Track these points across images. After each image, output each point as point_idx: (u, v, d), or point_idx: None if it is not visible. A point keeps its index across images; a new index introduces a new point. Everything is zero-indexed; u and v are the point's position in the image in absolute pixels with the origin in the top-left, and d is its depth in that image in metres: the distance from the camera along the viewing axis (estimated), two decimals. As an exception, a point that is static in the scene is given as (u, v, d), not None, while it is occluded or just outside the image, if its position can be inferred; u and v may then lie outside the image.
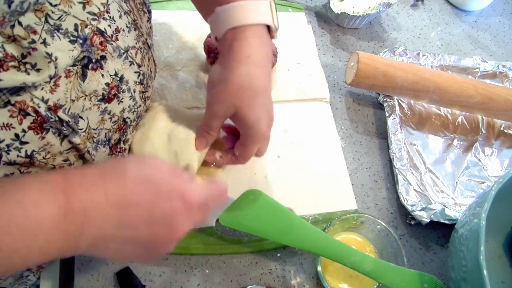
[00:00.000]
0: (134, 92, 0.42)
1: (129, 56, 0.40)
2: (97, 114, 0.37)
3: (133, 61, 0.41)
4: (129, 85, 0.41)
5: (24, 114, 0.31)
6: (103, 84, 0.37)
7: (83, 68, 0.34)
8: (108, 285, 0.46)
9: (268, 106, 0.44)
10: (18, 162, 0.32)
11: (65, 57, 0.31)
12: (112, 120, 0.40)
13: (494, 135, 0.66)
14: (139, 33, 0.43)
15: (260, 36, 0.42)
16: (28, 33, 0.29)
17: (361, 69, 0.59)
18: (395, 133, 0.59)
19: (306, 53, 0.68)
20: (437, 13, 0.82)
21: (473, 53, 0.77)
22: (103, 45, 0.36)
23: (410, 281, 0.44)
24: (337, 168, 0.58)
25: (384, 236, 0.49)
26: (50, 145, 0.33)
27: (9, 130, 0.30)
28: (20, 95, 0.30)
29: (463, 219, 0.45)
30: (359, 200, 0.56)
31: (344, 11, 0.71)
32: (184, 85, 0.59)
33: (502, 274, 0.51)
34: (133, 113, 0.43)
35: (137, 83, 0.42)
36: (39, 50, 0.29)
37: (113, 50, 0.37)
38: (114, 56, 0.37)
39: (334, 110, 0.63)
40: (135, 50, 0.41)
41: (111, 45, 0.37)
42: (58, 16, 0.31)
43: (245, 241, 0.50)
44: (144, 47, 0.44)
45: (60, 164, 0.35)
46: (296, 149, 0.58)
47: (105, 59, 0.36)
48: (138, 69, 0.42)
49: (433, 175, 0.59)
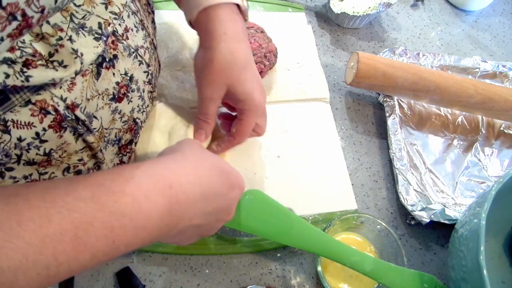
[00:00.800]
0: (143, 92, 0.42)
1: (139, 55, 0.40)
2: (108, 113, 0.37)
3: (143, 60, 0.41)
4: (139, 85, 0.41)
5: (45, 112, 0.31)
6: (114, 83, 0.37)
7: (98, 67, 0.35)
8: (108, 285, 0.46)
9: (258, 78, 0.45)
10: (37, 160, 0.33)
11: (90, 53, 0.32)
12: (122, 120, 0.40)
13: (494, 135, 0.66)
14: (146, 33, 0.43)
15: (231, 14, 0.43)
16: (55, 30, 0.30)
17: (361, 69, 0.59)
18: (395, 133, 0.59)
19: (306, 53, 0.68)
20: (437, 13, 0.82)
21: (473, 53, 0.77)
22: (115, 44, 0.37)
23: (410, 281, 0.44)
24: (337, 168, 0.58)
25: (384, 236, 0.49)
26: (67, 144, 0.34)
27: (30, 129, 0.31)
28: (40, 94, 0.30)
29: (463, 219, 0.45)
30: (359, 200, 0.56)
31: (344, 11, 0.71)
32: (184, 85, 0.59)
33: (502, 274, 0.51)
34: (143, 113, 0.43)
35: (146, 83, 0.43)
36: (66, 46, 0.30)
37: (123, 49, 0.38)
38: (124, 55, 0.38)
39: (334, 110, 0.63)
40: (144, 50, 0.41)
41: (122, 44, 0.37)
42: (82, 15, 0.32)
43: (245, 241, 0.50)
44: (151, 47, 0.44)
45: (75, 163, 0.36)
46: (296, 149, 0.58)
47: (117, 58, 0.37)
48: (147, 68, 0.42)
49: (433, 175, 0.59)
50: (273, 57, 0.60)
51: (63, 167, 0.35)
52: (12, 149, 0.31)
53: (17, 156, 0.31)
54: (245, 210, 0.44)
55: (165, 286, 0.46)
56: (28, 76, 0.28)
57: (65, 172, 0.36)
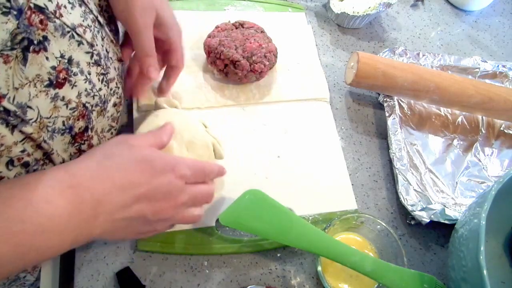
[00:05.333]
0: (89, 75, 0.39)
1: (77, 34, 0.36)
2: (47, 101, 0.34)
3: (82, 40, 0.37)
4: (82, 67, 0.37)
5: None
6: (48, 68, 0.33)
7: (24, 51, 0.31)
8: (108, 285, 0.46)
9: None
10: None
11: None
12: (69, 107, 0.37)
13: (494, 135, 0.66)
14: (86, 9, 0.39)
15: None
16: None
17: (361, 69, 0.59)
18: (395, 133, 0.59)
19: (306, 53, 0.68)
20: (437, 13, 0.82)
21: (473, 53, 0.77)
22: (44, 23, 0.32)
23: (410, 281, 0.44)
24: (337, 168, 0.58)
25: (384, 236, 0.49)
26: (2, 136, 0.31)
27: None
28: None
29: (463, 219, 0.45)
30: (359, 200, 0.56)
31: (344, 11, 0.71)
32: (185, 85, 0.59)
33: (502, 274, 0.51)
34: (93, 97, 0.40)
35: (92, 65, 0.39)
36: None
37: (55, 29, 0.33)
38: (56, 36, 0.34)
39: (334, 110, 0.63)
40: (83, 28, 0.37)
41: (53, 23, 0.33)
42: None
43: (245, 241, 0.50)
44: (94, 25, 0.40)
45: (18, 155, 0.33)
46: (296, 149, 0.58)
47: (48, 40, 0.33)
48: (90, 48, 0.39)
49: (433, 175, 0.59)
50: (273, 57, 0.60)
51: (5, 160, 0.33)
52: None
53: None
54: (245, 210, 0.44)
55: (165, 286, 0.46)
56: None
57: (9, 165, 0.33)
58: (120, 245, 0.48)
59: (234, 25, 0.62)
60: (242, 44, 0.58)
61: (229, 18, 0.64)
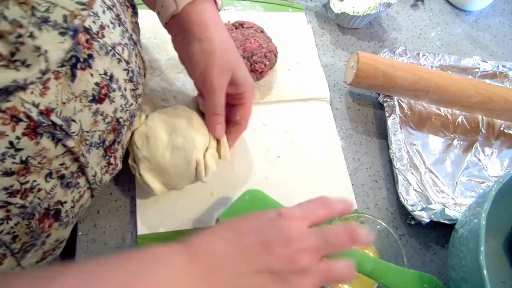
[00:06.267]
0: (125, 91, 0.41)
1: (117, 53, 0.39)
2: (89, 116, 0.36)
3: (121, 58, 0.40)
4: (120, 84, 0.39)
5: (16, 120, 0.30)
6: (93, 84, 0.35)
7: (72, 68, 0.33)
8: (108, 285, 0.46)
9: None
10: (14, 170, 0.31)
11: (56, 50, 0.30)
12: (106, 121, 0.39)
13: (494, 135, 0.66)
14: (124, 29, 0.42)
15: (214, 8, 0.46)
16: (14, 27, 0.28)
17: (361, 69, 0.59)
18: (395, 133, 0.59)
19: (306, 53, 0.68)
20: (437, 13, 0.82)
21: (473, 53, 0.77)
22: (89, 42, 0.35)
23: (410, 281, 0.44)
24: (337, 168, 0.58)
25: (384, 236, 0.49)
26: (46, 150, 0.33)
27: (3, 138, 0.29)
28: (10, 101, 0.29)
29: (463, 219, 0.45)
30: (359, 200, 0.56)
31: (344, 11, 0.71)
32: (186, 87, 0.59)
33: (502, 274, 0.51)
34: (126, 112, 0.42)
35: (127, 81, 0.41)
36: (27, 44, 0.28)
37: (99, 47, 0.36)
38: (101, 54, 0.36)
39: (334, 110, 0.63)
40: (122, 47, 0.40)
41: (98, 42, 0.36)
42: (45, 8, 0.29)
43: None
44: (130, 43, 0.43)
45: (57, 168, 0.35)
46: (296, 149, 0.58)
47: (93, 58, 0.35)
48: (127, 66, 0.41)
49: (433, 175, 0.59)
50: (273, 57, 0.60)
51: (45, 173, 0.34)
52: None
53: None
54: (245, 209, 0.44)
55: (165, 286, 0.46)
56: None
57: (48, 177, 0.34)
58: (120, 245, 0.48)
59: (234, 25, 0.62)
60: (242, 44, 0.58)
61: (229, 18, 0.64)
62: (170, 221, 0.49)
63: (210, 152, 0.47)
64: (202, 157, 0.46)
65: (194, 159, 0.45)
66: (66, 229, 0.40)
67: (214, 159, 0.48)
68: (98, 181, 0.41)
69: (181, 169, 0.46)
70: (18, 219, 0.33)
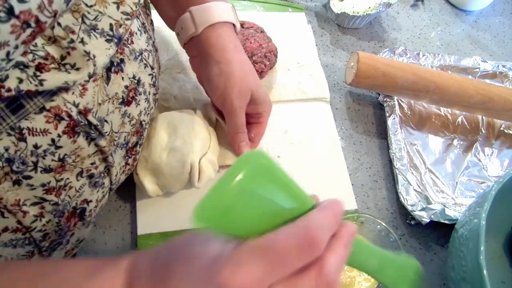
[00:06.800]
0: (149, 95, 0.42)
1: (143, 58, 0.41)
2: (118, 117, 0.38)
3: (147, 63, 0.41)
4: (145, 88, 0.41)
5: (59, 119, 0.31)
6: (123, 87, 0.37)
7: (107, 71, 0.35)
8: (108, 285, 0.46)
9: None
10: (52, 167, 0.33)
11: (102, 55, 0.32)
12: (131, 123, 0.40)
13: (494, 135, 0.66)
14: (148, 36, 0.43)
15: (233, 31, 0.47)
16: (67, 33, 0.29)
17: (361, 69, 0.59)
18: (395, 133, 0.59)
19: (306, 53, 0.68)
20: (437, 13, 0.82)
21: (473, 53, 0.77)
22: (121, 48, 0.36)
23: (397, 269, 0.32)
24: (337, 168, 0.58)
25: (384, 236, 0.49)
26: (80, 149, 0.34)
27: (46, 135, 0.31)
28: (53, 100, 0.30)
29: (463, 219, 0.45)
30: (359, 200, 0.56)
31: (344, 11, 0.71)
32: (186, 87, 0.59)
33: (502, 274, 0.51)
34: (147, 115, 0.44)
35: (151, 85, 0.43)
36: (77, 49, 0.30)
37: (129, 53, 0.38)
38: (131, 59, 0.38)
39: (334, 110, 0.63)
40: (147, 53, 0.42)
41: (128, 48, 0.38)
42: (94, 16, 0.32)
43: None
44: (153, 50, 0.44)
45: (87, 167, 0.36)
46: (296, 149, 0.58)
47: (124, 62, 0.37)
48: (151, 71, 0.42)
49: (433, 175, 0.59)
50: (273, 57, 0.60)
51: (77, 171, 0.35)
52: (29, 156, 0.31)
53: (33, 164, 0.31)
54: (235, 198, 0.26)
55: (165, 286, 0.46)
56: (41, 80, 0.28)
57: (79, 176, 0.35)
58: (120, 245, 0.48)
59: (234, 25, 0.62)
60: (242, 44, 0.58)
61: (229, 18, 0.64)
62: (170, 221, 0.49)
63: (207, 158, 0.48)
64: (197, 161, 0.46)
65: (189, 162, 0.46)
66: (87, 229, 0.41)
67: (211, 166, 0.48)
68: (117, 181, 0.42)
69: (175, 171, 0.46)
70: (50, 217, 0.34)
